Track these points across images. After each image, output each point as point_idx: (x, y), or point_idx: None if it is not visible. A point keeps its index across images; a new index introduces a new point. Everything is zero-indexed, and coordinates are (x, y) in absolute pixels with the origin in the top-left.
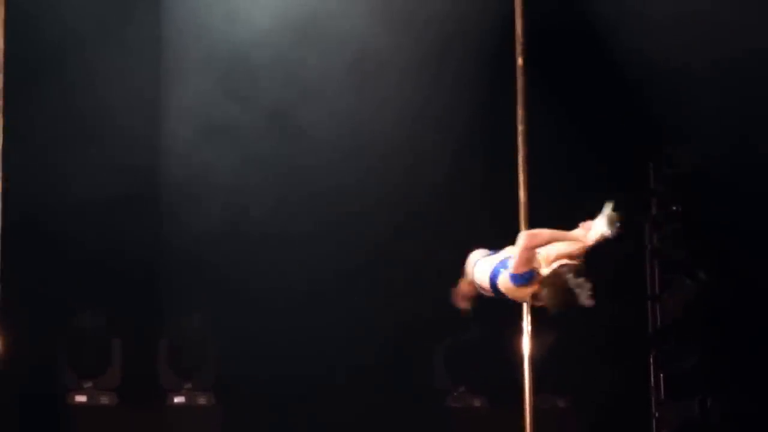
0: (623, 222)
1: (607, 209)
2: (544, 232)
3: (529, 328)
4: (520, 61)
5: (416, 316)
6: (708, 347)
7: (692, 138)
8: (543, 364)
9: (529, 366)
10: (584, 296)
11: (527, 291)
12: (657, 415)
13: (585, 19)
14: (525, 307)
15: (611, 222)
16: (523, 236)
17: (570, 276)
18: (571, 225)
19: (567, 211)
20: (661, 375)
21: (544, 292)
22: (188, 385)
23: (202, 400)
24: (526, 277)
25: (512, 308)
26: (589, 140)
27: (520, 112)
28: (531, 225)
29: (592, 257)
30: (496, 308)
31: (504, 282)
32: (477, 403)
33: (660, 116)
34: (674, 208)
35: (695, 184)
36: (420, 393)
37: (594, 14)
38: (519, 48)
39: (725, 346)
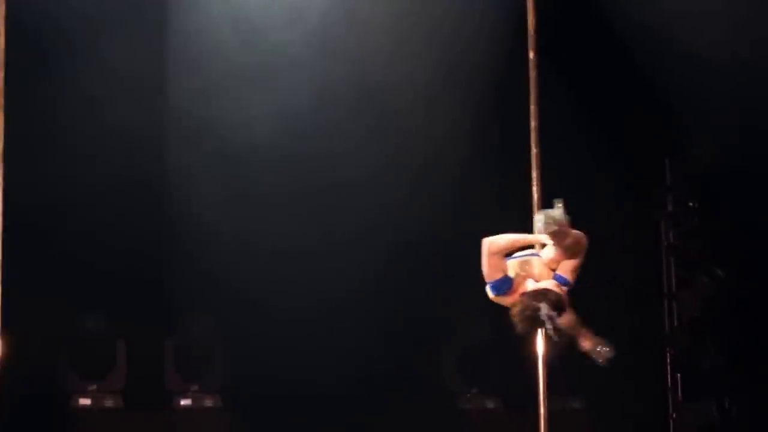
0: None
1: (554, 209)
2: (502, 238)
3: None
4: (532, 55)
5: (428, 318)
6: (726, 347)
7: (709, 133)
8: (557, 364)
9: (543, 367)
10: (549, 331)
11: (507, 300)
12: (674, 416)
13: (600, 12)
14: None
15: (548, 222)
16: (484, 243)
17: (543, 306)
18: (585, 222)
19: (582, 207)
20: (679, 375)
21: (514, 312)
22: (195, 388)
23: (209, 403)
24: (500, 287)
25: None
26: (604, 136)
27: (533, 108)
28: None
29: (607, 256)
30: (506, 310)
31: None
32: (490, 404)
33: (677, 111)
34: (691, 204)
35: (712, 180)
36: (432, 395)
37: (610, 7)
38: (531, 42)
39: (744, 346)
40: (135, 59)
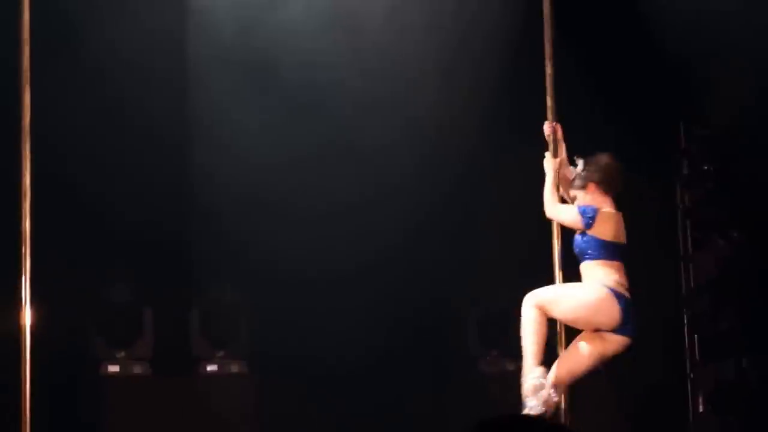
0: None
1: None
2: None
3: None
4: (547, 26)
5: (450, 282)
6: (743, 307)
7: (723, 97)
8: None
9: (560, 328)
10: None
11: None
12: (692, 376)
13: None
14: (556, 272)
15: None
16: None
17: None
18: None
19: None
20: (696, 336)
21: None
22: (221, 354)
23: (235, 369)
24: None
25: (543, 274)
26: (619, 100)
27: (548, 71)
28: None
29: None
30: (527, 275)
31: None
32: (510, 367)
33: (691, 76)
34: (706, 167)
35: (727, 144)
36: (454, 359)
37: None
38: (546, 9)
39: (761, 306)
40: (156, 29)
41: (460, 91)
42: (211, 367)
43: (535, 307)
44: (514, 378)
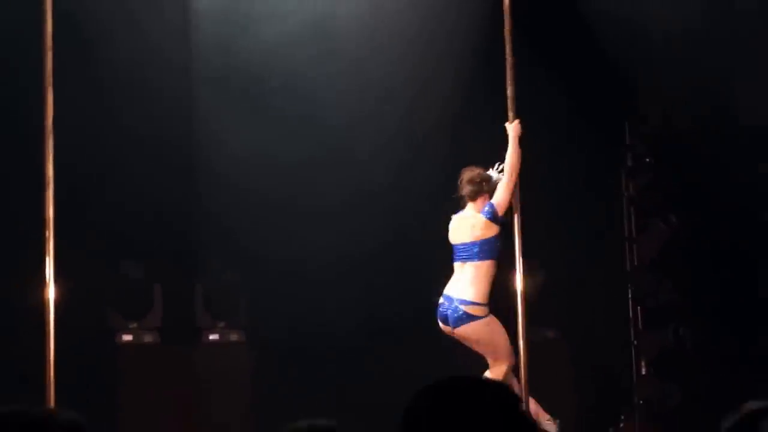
0: None
1: None
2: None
3: (522, 268)
4: (507, 28)
5: (430, 270)
6: (679, 283)
7: (663, 99)
8: (534, 300)
9: (521, 302)
10: None
11: None
12: (636, 343)
13: None
14: (517, 250)
15: None
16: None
17: None
18: (558, 179)
19: (554, 166)
20: (639, 308)
21: None
22: (222, 324)
23: (234, 338)
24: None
25: (507, 251)
26: (573, 104)
27: (509, 78)
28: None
29: (576, 207)
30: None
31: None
32: None
33: (636, 80)
34: (647, 160)
35: (666, 139)
36: (425, 330)
37: None
38: (507, 20)
39: (694, 282)
40: (161, 39)
41: (437, 99)
42: (213, 336)
43: None
44: None
